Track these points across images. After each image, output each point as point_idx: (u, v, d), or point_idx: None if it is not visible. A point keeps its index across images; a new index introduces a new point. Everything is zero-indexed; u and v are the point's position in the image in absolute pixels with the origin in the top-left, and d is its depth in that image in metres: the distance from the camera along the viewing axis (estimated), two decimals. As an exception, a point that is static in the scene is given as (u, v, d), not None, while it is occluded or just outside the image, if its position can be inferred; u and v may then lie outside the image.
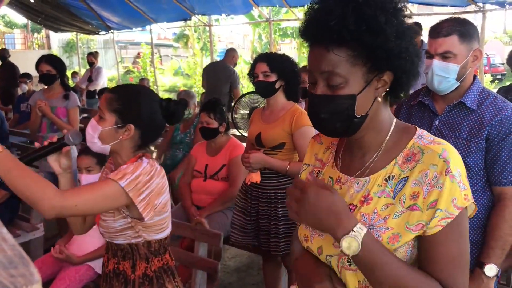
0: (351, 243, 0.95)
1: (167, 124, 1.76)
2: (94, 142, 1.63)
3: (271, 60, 2.71)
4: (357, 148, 1.12)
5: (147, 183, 1.57)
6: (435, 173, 0.99)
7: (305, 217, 0.99)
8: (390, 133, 1.08)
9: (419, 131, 1.08)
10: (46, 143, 1.64)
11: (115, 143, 1.63)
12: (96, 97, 8.24)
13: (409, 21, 1.08)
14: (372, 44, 0.97)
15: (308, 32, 1.04)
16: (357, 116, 1.03)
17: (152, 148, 6.57)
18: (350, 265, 1.05)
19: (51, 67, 3.87)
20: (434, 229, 0.98)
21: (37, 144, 1.66)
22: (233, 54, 6.95)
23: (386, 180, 1.05)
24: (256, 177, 2.68)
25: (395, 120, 1.11)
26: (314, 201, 0.97)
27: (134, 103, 1.64)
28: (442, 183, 0.98)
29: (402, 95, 1.09)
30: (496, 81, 18.88)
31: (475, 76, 1.90)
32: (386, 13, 0.97)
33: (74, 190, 1.53)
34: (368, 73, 1.01)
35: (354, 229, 0.96)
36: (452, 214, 0.98)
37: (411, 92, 2.15)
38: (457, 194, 0.98)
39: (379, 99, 1.04)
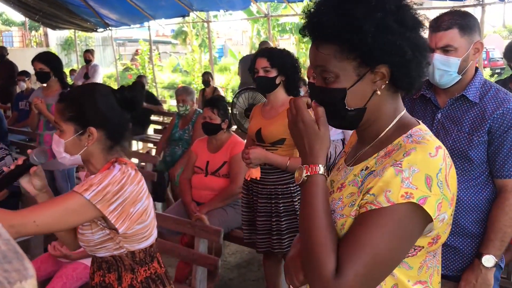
0: (300, 173, 1.05)
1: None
2: (63, 156, 1.56)
3: (271, 56, 2.69)
4: (359, 139, 1.15)
5: (117, 193, 1.47)
6: (387, 165, 0.97)
7: (292, 132, 1.10)
8: (388, 128, 1.07)
9: (414, 129, 1.05)
10: (12, 166, 1.56)
11: (83, 151, 1.55)
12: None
13: (421, 14, 1.06)
14: (351, 41, 0.97)
15: (304, 28, 1.06)
16: (350, 109, 1.03)
17: (152, 145, 6.58)
18: None
19: (44, 65, 3.85)
20: (360, 210, 0.98)
21: (5, 169, 1.61)
22: (267, 46, 6.99)
23: (361, 171, 1.06)
24: (256, 173, 2.67)
25: (401, 114, 1.09)
26: (301, 126, 1.06)
27: (87, 104, 1.55)
28: (384, 172, 0.96)
29: (414, 86, 1.06)
30: (496, 75, 18.87)
31: (476, 69, 1.88)
32: (366, 8, 0.96)
33: (34, 206, 1.43)
34: (360, 67, 1.01)
35: (316, 167, 1.03)
36: (379, 203, 0.94)
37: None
38: (394, 187, 0.93)
39: (379, 92, 1.03)
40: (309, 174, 1.03)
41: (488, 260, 1.78)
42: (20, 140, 6.20)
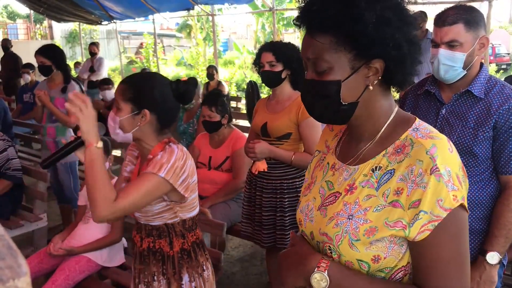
0: (319, 278, 0.98)
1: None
2: (117, 132, 1.72)
3: (277, 50, 2.67)
4: (354, 136, 1.11)
5: (183, 167, 1.69)
6: (420, 170, 0.94)
7: (286, 277, 1.06)
8: (387, 123, 1.05)
9: (417, 122, 1.04)
10: (72, 138, 1.69)
11: (135, 130, 1.72)
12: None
13: (414, 9, 1.05)
14: (351, 31, 0.95)
15: (297, 19, 1.04)
16: (344, 103, 1.01)
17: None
18: (331, 252, 1.03)
19: (45, 58, 3.84)
20: (422, 234, 0.94)
21: (63, 141, 1.71)
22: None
23: (373, 171, 1.02)
24: (262, 165, 2.67)
25: (396, 109, 1.07)
26: (285, 265, 1.07)
27: (145, 89, 1.72)
28: (427, 183, 0.93)
29: (406, 83, 1.05)
30: (501, 71, 18.77)
31: (482, 64, 1.86)
32: None
33: (122, 194, 1.60)
34: (355, 60, 0.99)
35: (319, 264, 0.99)
36: (438, 216, 0.93)
37: (415, 80, 2.12)
38: (443, 195, 0.92)
39: (371, 87, 1.01)
40: (325, 271, 1.01)
41: (493, 257, 1.77)
42: (24, 133, 6.22)
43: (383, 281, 1.00)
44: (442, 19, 1.79)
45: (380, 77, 1.01)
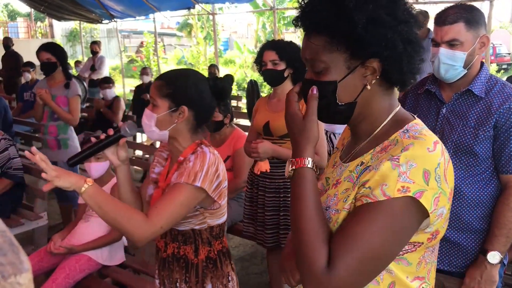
0: (288, 167, 1.05)
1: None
2: (152, 130, 1.66)
3: (279, 48, 2.66)
4: (353, 135, 1.13)
5: (216, 173, 1.63)
6: (384, 159, 0.96)
7: (286, 125, 1.09)
8: (384, 123, 1.05)
9: (411, 124, 1.03)
10: (102, 136, 1.63)
11: (172, 127, 1.66)
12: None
13: (415, 9, 1.05)
14: (342, 31, 0.96)
15: (296, 19, 1.05)
16: (340, 104, 1.02)
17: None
18: None
19: (51, 55, 3.83)
20: (356, 203, 0.97)
21: (93, 139, 1.65)
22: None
23: (356, 166, 1.05)
24: (265, 166, 2.66)
25: (396, 109, 1.07)
26: (288, 119, 1.08)
27: (183, 85, 1.67)
28: (380, 166, 0.95)
29: (406, 82, 1.05)
30: (502, 71, 18.75)
31: (482, 63, 1.86)
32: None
33: (156, 210, 1.53)
34: (351, 60, 0.99)
35: (302, 161, 1.03)
36: (375, 197, 0.93)
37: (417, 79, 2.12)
38: (390, 181, 0.92)
39: (369, 87, 1.01)
40: (294, 168, 1.03)
41: (494, 257, 1.77)
42: (25, 131, 6.21)
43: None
44: (442, 18, 1.79)
45: (378, 77, 1.01)
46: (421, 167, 0.93)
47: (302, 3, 1.02)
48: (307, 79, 1.06)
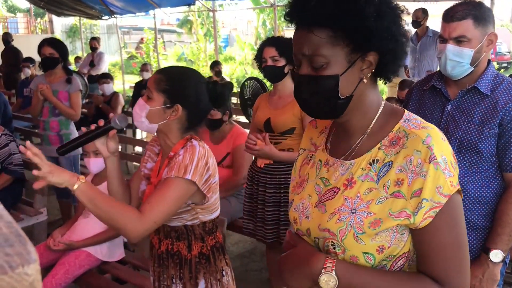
0: (327, 279, 0.99)
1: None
2: (142, 121, 1.65)
3: (280, 44, 2.66)
4: (344, 131, 1.11)
5: (205, 166, 1.62)
6: (419, 160, 0.97)
7: (291, 281, 1.07)
8: (377, 116, 1.06)
9: (407, 114, 1.06)
10: (93, 127, 1.62)
11: (162, 123, 1.65)
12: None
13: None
14: (351, 25, 0.96)
15: (291, 14, 1.04)
16: (341, 97, 1.02)
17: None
18: (334, 248, 1.03)
19: (54, 50, 3.82)
20: (424, 221, 0.97)
21: (83, 129, 1.65)
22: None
23: (370, 164, 1.03)
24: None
25: (383, 102, 1.09)
26: (288, 267, 1.07)
27: (182, 84, 1.66)
28: (426, 171, 0.96)
29: (393, 74, 1.07)
30: (502, 70, 18.74)
31: (489, 61, 1.85)
32: None
33: (149, 206, 1.52)
34: (351, 54, 1.00)
35: (325, 265, 1.00)
36: (439, 203, 0.96)
37: (414, 77, 2.11)
38: (441, 182, 0.96)
39: (365, 80, 1.02)
40: (332, 271, 1.01)
41: (496, 255, 1.76)
42: (24, 127, 6.20)
43: (391, 273, 1.02)
44: (450, 15, 1.78)
45: (373, 70, 1.03)
46: (448, 158, 0.98)
47: None
48: (304, 75, 1.03)
